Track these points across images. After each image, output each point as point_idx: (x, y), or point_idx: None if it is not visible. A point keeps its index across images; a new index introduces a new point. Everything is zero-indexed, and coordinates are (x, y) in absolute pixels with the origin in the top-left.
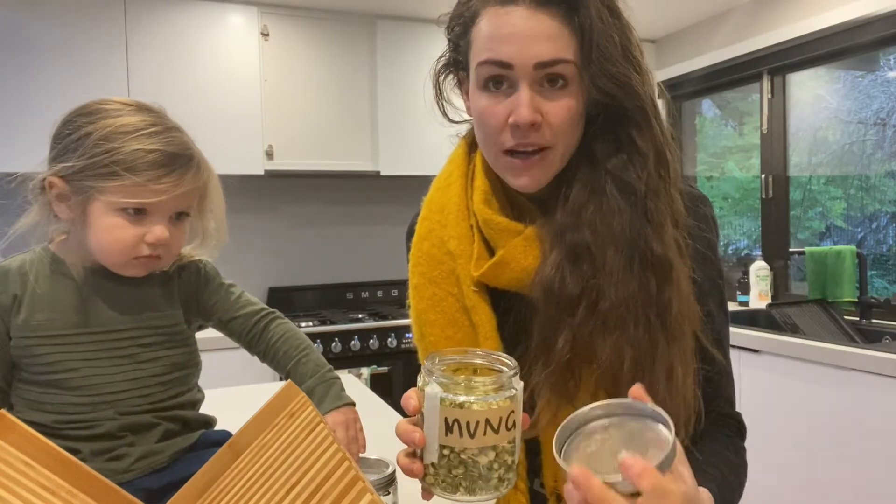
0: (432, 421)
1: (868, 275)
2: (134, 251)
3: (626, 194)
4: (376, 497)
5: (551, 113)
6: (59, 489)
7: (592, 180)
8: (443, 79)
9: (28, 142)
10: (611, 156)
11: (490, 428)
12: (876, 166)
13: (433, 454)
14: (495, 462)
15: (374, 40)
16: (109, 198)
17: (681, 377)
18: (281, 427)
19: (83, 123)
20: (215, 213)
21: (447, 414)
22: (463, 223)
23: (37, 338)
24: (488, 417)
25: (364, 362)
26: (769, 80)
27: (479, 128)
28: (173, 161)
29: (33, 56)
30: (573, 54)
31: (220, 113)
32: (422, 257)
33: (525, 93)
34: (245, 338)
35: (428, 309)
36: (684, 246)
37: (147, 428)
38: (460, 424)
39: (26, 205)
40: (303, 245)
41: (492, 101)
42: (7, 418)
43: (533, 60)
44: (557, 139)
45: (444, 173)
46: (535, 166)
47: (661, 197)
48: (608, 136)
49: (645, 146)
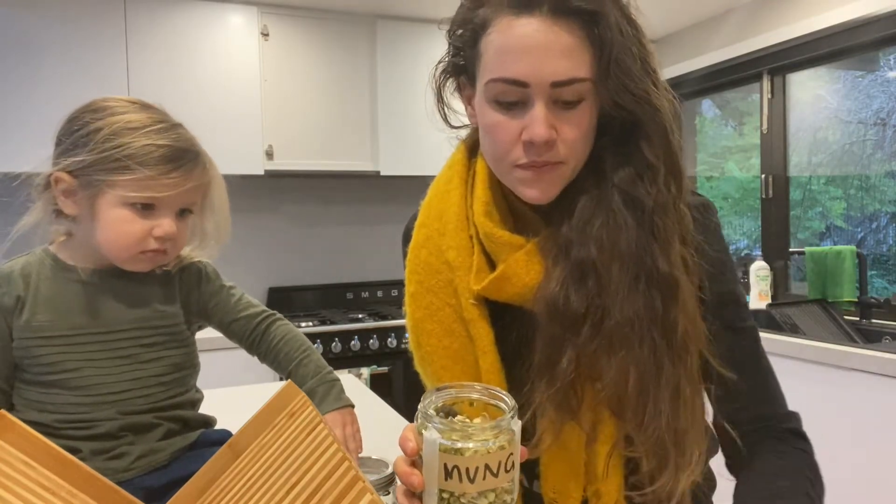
0: (431, 465)
1: (868, 275)
2: (142, 245)
3: (633, 209)
4: (376, 497)
5: (565, 130)
6: (59, 489)
7: (599, 194)
8: (443, 84)
9: (27, 141)
10: (619, 169)
11: (489, 472)
12: (876, 166)
13: (432, 498)
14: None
15: (374, 40)
16: (119, 192)
17: (689, 396)
18: (281, 427)
19: (91, 120)
20: (218, 213)
21: (446, 460)
22: (462, 233)
23: (39, 338)
24: (487, 462)
25: (364, 362)
26: (769, 80)
27: (488, 142)
28: (182, 156)
29: (33, 56)
30: (590, 71)
31: (220, 113)
32: (419, 265)
33: (540, 110)
34: (247, 340)
35: (425, 318)
36: (692, 263)
37: (148, 428)
38: (459, 470)
39: (28, 203)
40: (303, 245)
41: (503, 118)
42: (7, 418)
43: (549, 79)
44: (570, 155)
45: (442, 178)
46: (546, 178)
47: (669, 213)
48: (618, 148)
49: (655, 160)
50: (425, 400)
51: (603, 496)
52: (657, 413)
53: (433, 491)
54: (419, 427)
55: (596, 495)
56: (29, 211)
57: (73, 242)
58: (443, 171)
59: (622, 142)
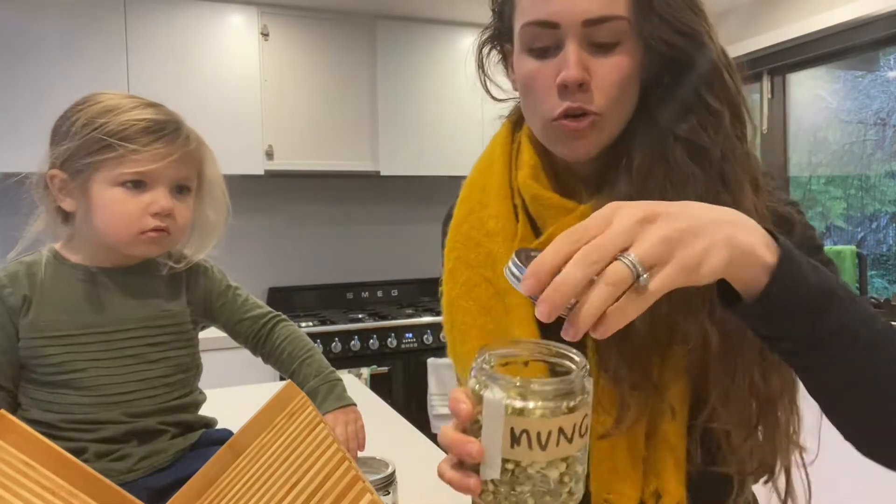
0: (493, 431)
1: (868, 275)
2: (139, 224)
3: (698, 159)
4: (376, 497)
5: (601, 72)
6: (59, 489)
7: (659, 146)
8: (487, 52)
9: (28, 141)
10: (679, 119)
11: (563, 437)
12: (876, 166)
13: (494, 469)
14: (566, 475)
15: (374, 40)
16: (106, 172)
17: (776, 358)
18: (281, 427)
19: (73, 112)
20: (215, 195)
21: (514, 424)
22: (506, 201)
23: (45, 338)
24: (562, 426)
25: (364, 362)
26: (769, 80)
27: (525, 94)
28: (163, 127)
29: (33, 56)
30: (625, 8)
31: (220, 113)
32: (459, 240)
33: (573, 49)
34: (251, 340)
35: (461, 296)
36: (764, 211)
37: (153, 435)
38: (529, 435)
39: (28, 202)
40: (303, 245)
41: (538, 64)
42: (7, 418)
43: (581, 17)
44: (607, 103)
45: (485, 154)
46: (585, 134)
47: (740, 159)
48: (673, 95)
49: (718, 105)
50: (481, 357)
51: (664, 495)
52: (747, 375)
53: (495, 461)
54: (475, 388)
55: (655, 495)
56: (35, 215)
57: (78, 240)
58: (486, 149)
59: (677, 88)
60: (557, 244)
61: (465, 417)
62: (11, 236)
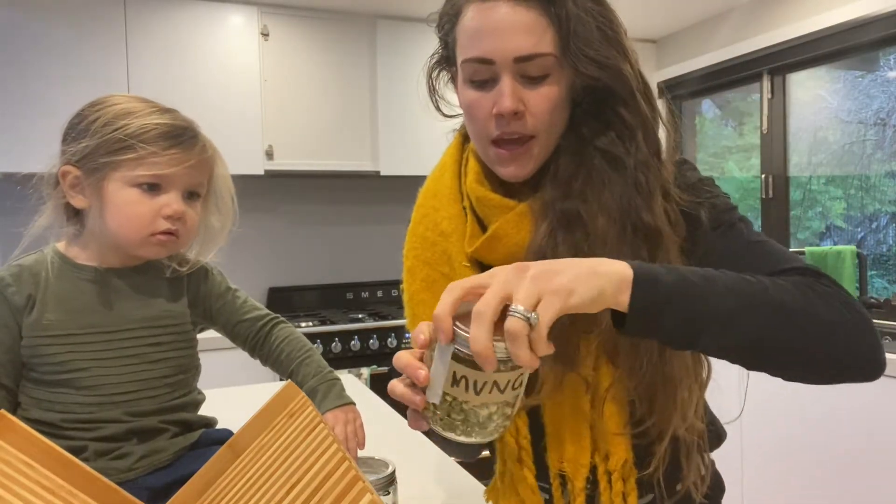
0: (440, 369)
1: (868, 275)
2: (151, 226)
3: (614, 167)
4: (376, 497)
5: (532, 101)
6: (59, 489)
7: (581, 156)
8: (436, 75)
9: (28, 141)
10: (599, 134)
11: (496, 388)
12: (876, 166)
13: (435, 397)
14: (495, 414)
15: (374, 40)
16: (124, 172)
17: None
18: (281, 427)
19: (90, 112)
20: (222, 205)
21: (456, 369)
22: (456, 205)
23: (47, 337)
24: (496, 379)
25: (364, 362)
26: (769, 80)
27: (468, 120)
28: (181, 133)
29: (33, 56)
30: (552, 45)
31: (220, 113)
32: (416, 241)
33: (507, 83)
34: (250, 342)
35: (421, 290)
36: (675, 216)
37: (153, 433)
38: (468, 381)
39: (33, 201)
40: (303, 245)
41: (477, 95)
42: (7, 418)
43: (512, 55)
44: (540, 127)
45: (438, 164)
46: (520, 156)
47: (651, 169)
48: (595, 115)
49: (633, 121)
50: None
51: (612, 456)
52: (648, 357)
53: (437, 391)
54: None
55: (605, 459)
56: (40, 211)
57: (83, 240)
58: (439, 160)
59: (598, 109)
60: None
61: (421, 345)
62: (11, 234)
